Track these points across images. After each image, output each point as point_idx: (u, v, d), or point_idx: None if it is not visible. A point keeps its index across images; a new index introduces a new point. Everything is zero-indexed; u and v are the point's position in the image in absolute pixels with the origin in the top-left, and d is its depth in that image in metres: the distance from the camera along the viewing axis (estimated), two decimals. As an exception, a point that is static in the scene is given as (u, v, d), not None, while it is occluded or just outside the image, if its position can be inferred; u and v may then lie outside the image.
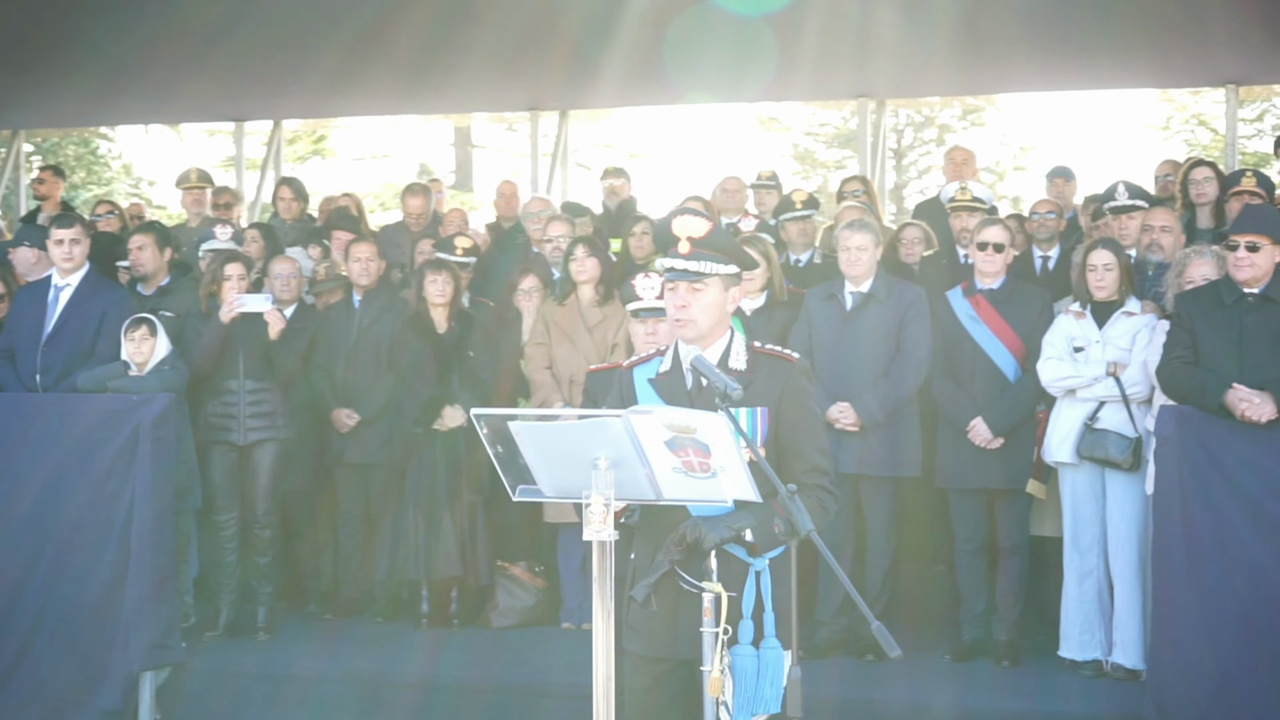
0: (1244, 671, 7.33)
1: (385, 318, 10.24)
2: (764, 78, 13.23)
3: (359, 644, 9.65)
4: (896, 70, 12.78)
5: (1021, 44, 12.13)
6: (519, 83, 13.97)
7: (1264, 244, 7.59)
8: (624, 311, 9.63)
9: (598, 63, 13.15)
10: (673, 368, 5.28)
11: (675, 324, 5.20)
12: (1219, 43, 12.16)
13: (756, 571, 5.04)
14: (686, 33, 12.01)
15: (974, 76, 13.09)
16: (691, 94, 14.32)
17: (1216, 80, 13.62)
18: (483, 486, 9.90)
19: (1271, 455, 7.44)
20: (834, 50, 12.16)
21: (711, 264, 5.11)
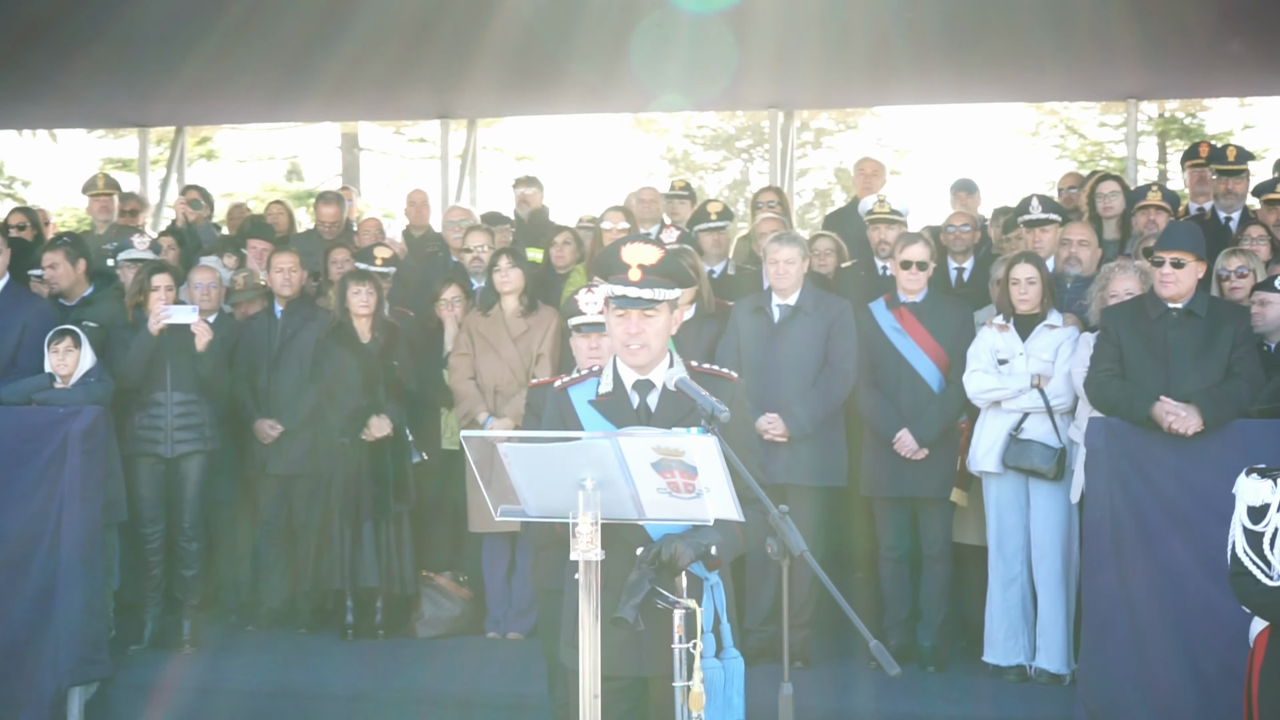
0: (1171, 676, 7.56)
1: (308, 328, 10.21)
2: (681, 88, 13.36)
3: (286, 656, 9.63)
4: (808, 82, 12.93)
5: (932, 58, 12.31)
6: (428, 91, 13.95)
7: (1188, 261, 7.83)
8: (548, 322, 9.79)
9: (506, 72, 13.18)
10: (615, 389, 5.36)
11: (628, 350, 5.28)
12: (1121, 58, 12.43)
13: (711, 586, 5.18)
14: (598, 43, 12.09)
15: (885, 88, 13.28)
16: (613, 103, 14.36)
17: (1118, 95, 13.95)
18: (409, 496, 9.93)
19: (1196, 466, 7.66)
20: (748, 62, 12.27)
21: (662, 290, 5.22)
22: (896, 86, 13.33)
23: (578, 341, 7.28)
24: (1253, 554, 6.18)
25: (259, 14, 11.65)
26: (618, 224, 10.59)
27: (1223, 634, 7.43)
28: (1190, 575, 7.60)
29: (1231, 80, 13.17)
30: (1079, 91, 14.90)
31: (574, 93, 13.47)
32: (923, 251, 9.10)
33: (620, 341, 5.27)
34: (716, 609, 5.15)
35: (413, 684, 9.00)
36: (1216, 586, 7.42)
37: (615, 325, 5.27)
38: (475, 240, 10.78)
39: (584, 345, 7.27)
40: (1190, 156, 11.50)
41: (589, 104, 15.26)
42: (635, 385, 5.32)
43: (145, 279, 9.63)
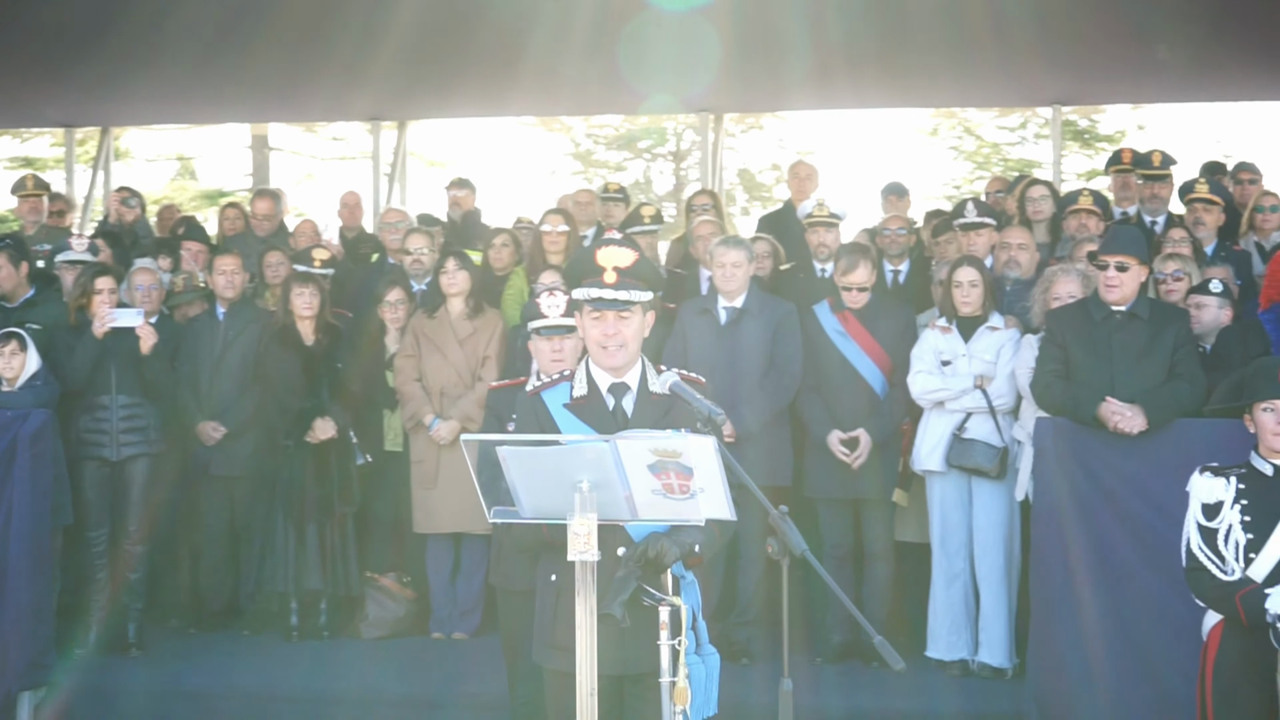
0: (1118, 670, 7.73)
1: (250, 330, 10.21)
2: (610, 92, 13.48)
3: (233, 658, 9.63)
4: (738, 86, 13.06)
5: (862, 62, 12.48)
6: (360, 93, 13.95)
7: (1132, 264, 8.03)
8: (494, 324, 9.85)
9: (438, 74, 13.23)
10: (590, 392, 5.45)
11: (605, 352, 5.37)
12: (1045, 64, 12.66)
13: (688, 583, 5.30)
14: (532, 45, 12.16)
15: (817, 92, 13.43)
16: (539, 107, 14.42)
17: (1043, 100, 14.20)
18: (353, 498, 9.96)
19: (1141, 465, 7.86)
20: (682, 65, 12.39)
21: (637, 293, 5.32)
22: (824, 91, 13.47)
23: (540, 344, 7.35)
24: (1208, 550, 6.39)
25: (185, 13, 11.61)
26: (557, 226, 10.67)
27: (1168, 627, 7.65)
28: (1136, 571, 7.79)
29: (1157, 86, 13.44)
30: (1003, 98, 15.13)
31: (513, 95, 13.53)
32: (867, 276, 9.24)
33: (597, 344, 5.36)
34: (693, 606, 5.25)
35: (365, 684, 9.04)
36: (1161, 581, 7.66)
37: (591, 327, 5.36)
38: (415, 243, 10.82)
39: (546, 348, 7.34)
40: (1114, 162, 11.73)
41: (527, 106, 15.32)
42: (610, 388, 5.41)
43: (88, 282, 9.59)
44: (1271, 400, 6.38)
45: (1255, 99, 14.78)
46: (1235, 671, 6.36)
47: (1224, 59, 12.43)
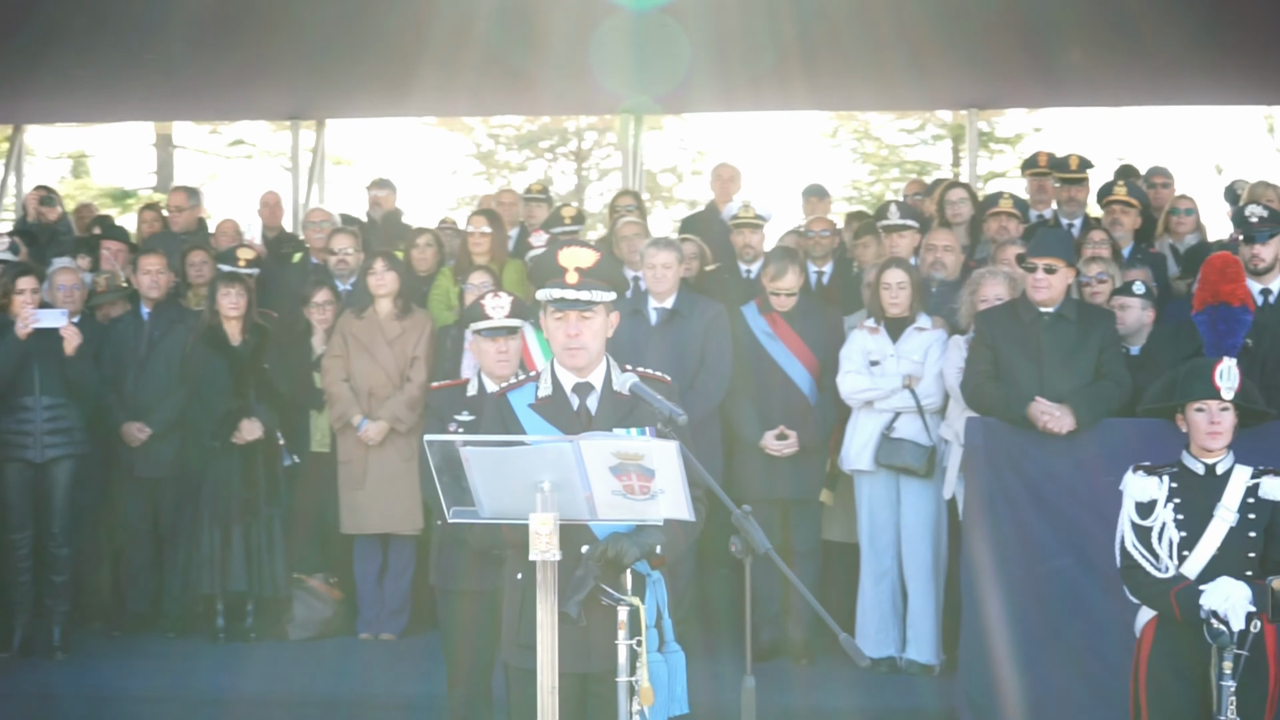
0: (1048, 666, 7.87)
1: (175, 330, 10.14)
2: (529, 92, 13.49)
3: (159, 660, 9.58)
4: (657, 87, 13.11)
5: (777, 65, 12.54)
6: (279, 92, 13.86)
7: (1059, 266, 8.18)
8: (423, 325, 9.85)
9: (354, 73, 13.18)
10: (554, 392, 5.49)
11: (568, 353, 5.41)
12: (961, 68, 12.82)
13: (653, 582, 5.35)
14: (438, 43, 12.14)
15: (732, 94, 13.50)
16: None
17: (960, 104, 14.37)
18: (280, 499, 9.93)
19: (1069, 464, 8.01)
20: (602, 65, 12.42)
21: (599, 293, 5.36)
22: (738, 93, 13.54)
23: (484, 346, 7.36)
24: (1142, 548, 6.50)
25: (99, 11, 11.48)
26: (481, 228, 10.66)
27: (1097, 624, 7.81)
28: (1064, 569, 7.92)
29: (1071, 90, 13.63)
30: (918, 101, 15.28)
31: (426, 95, 13.49)
32: (795, 281, 9.32)
33: (560, 344, 5.40)
34: (659, 604, 5.33)
35: (295, 686, 9.04)
36: (1090, 579, 7.82)
37: (554, 328, 5.40)
38: (340, 243, 10.80)
39: (490, 349, 7.35)
40: (1030, 165, 11.88)
41: (441, 107, 15.29)
42: (575, 388, 5.44)
43: (9, 282, 9.46)
44: (1204, 400, 6.50)
45: (1162, 104, 15.04)
46: (1168, 667, 6.47)
47: (1133, 64, 12.63)
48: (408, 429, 9.87)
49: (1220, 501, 6.43)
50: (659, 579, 5.35)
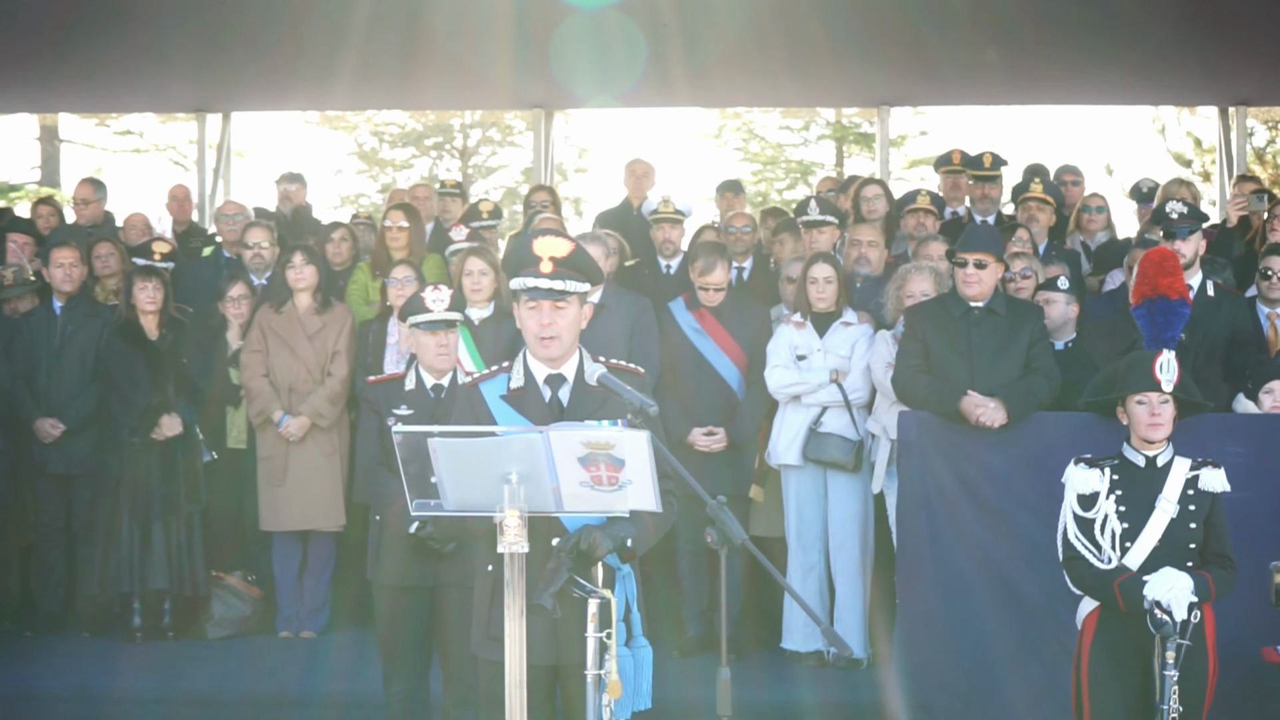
0: (985, 656, 7.91)
1: (89, 324, 9.97)
2: (443, 88, 13.42)
3: (77, 660, 9.43)
4: (575, 82, 13.06)
5: (694, 60, 12.55)
6: (185, 83, 13.66)
7: (989, 261, 8.24)
8: (343, 319, 9.76)
9: (261, 65, 13.03)
10: (526, 383, 5.44)
11: (541, 342, 5.37)
12: (873, 64, 12.91)
13: (623, 576, 5.32)
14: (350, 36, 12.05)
15: (651, 89, 13.47)
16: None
17: (870, 101, 14.46)
18: (199, 496, 9.78)
19: (1001, 458, 8.05)
20: (519, 61, 12.38)
21: (573, 283, 5.32)
22: (658, 88, 13.52)
23: (423, 339, 7.31)
24: (1084, 539, 6.57)
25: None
26: (398, 222, 10.56)
27: (1029, 616, 7.87)
28: (997, 561, 7.97)
29: (985, 88, 13.77)
30: (827, 97, 15.33)
31: (337, 88, 13.35)
32: (723, 275, 9.38)
33: (533, 334, 5.35)
34: (628, 598, 5.30)
35: (224, 685, 8.94)
36: (1022, 571, 7.90)
37: (527, 318, 5.34)
38: (255, 236, 10.66)
39: (431, 343, 7.30)
40: (944, 163, 11.97)
41: (353, 100, 15.15)
42: (547, 380, 5.40)
43: (-85, 276, 9.28)
44: (1145, 393, 6.58)
45: (1075, 103, 15.24)
46: (1110, 657, 6.55)
47: (1047, 64, 12.78)
48: (329, 424, 9.77)
49: (1161, 493, 6.52)
50: (629, 573, 5.33)
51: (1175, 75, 13.48)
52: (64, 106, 17.07)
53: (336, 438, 9.84)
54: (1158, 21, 11.80)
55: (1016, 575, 7.94)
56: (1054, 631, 7.87)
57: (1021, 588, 7.94)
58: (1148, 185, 12.13)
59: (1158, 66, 13.10)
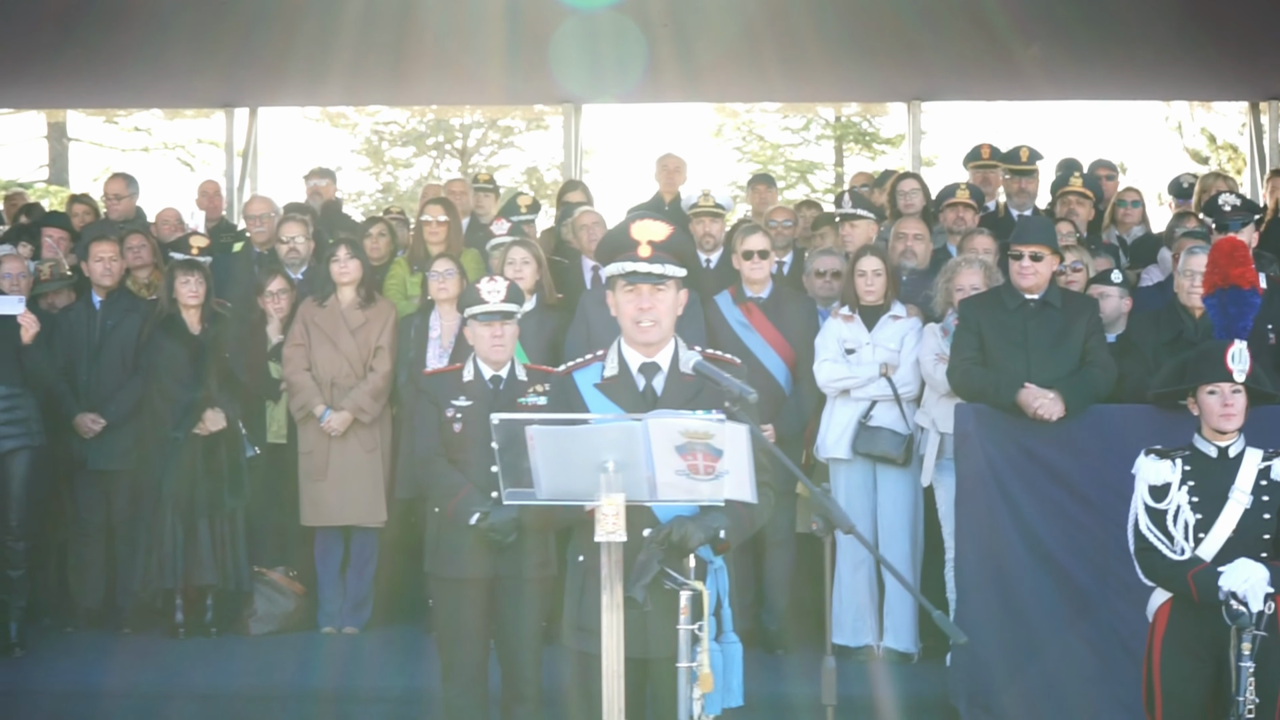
0: (1041, 648, 7.89)
1: (129, 319, 9.91)
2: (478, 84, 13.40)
3: (121, 656, 9.32)
4: (606, 77, 13.03)
5: (727, 55, 12.53)
6: (211, 79, 13.61)
7: (1045, 254, 8.22)
8: (387, 314, 9.71)
9: (288, 59, 12.99)
10: (620, 372, 5.39)
11: (638, 328, 5.31)
12: (908, 59, 12.88)
13: (715, 569, 5.26)
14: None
15: (683, 85, 13.45)
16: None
17: (902, 96, 14.42)
18: (243, 491, 9.72)
19: (1056, 449, 8.03)
20: (554, 57, 12.34)
21: (671, 267, 5.27)
22: (690, 83, 13.49)
23: (478, 330, 7.28)
24: (1156, 530, 6.54)
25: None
26: (438, 216, 10.52)
27: (1084, 606, 7.87)
28: (1052, 553, 7.95)
29: (1018, 84, 13.71)
30: (858, 92, 15.29)
31: (371, 82, 13.32)
32: (763, 241, 9.36)
33: (630, 318, 5.29)
34: (719, 592, 5.21)
35: (273, 680, 8.89)
36: (1078, 563, 7.89)
37: (625, 302, 5.29)
38: (290, 231, 10.60)
39: (486, 334, 7.27)
40: (973, 158, 11.92)
41: (390, 95, 15.11)
42: (641, 368, 5.35)
43: (-39, 270, 9.22)
44: (1217, 383, 6.55)
45: (1105, 98, 15.23)
46: (1183, 648, 6.52)
47: (1081, 59, 12.75)
48: (371, 420, 9.72)
49: (1234, 484, 6.50)
50: (721, 566, 5.25)
51: (1205, 70, 13.46)
52: (86, 102, 16.97)
53: (378, 433, 9.79)
54: (1189, 16, 11.77)
55: (1073, 567, 7.95)
56: (1111, 624, 7.88)
57: (1078, 580, 7.94)
58: (1187, 180, 12.10)
59: (1187, 61, 13.08)
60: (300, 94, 14.98)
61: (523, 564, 7.21)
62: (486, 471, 7.14)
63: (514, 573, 7.19)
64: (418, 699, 8.39)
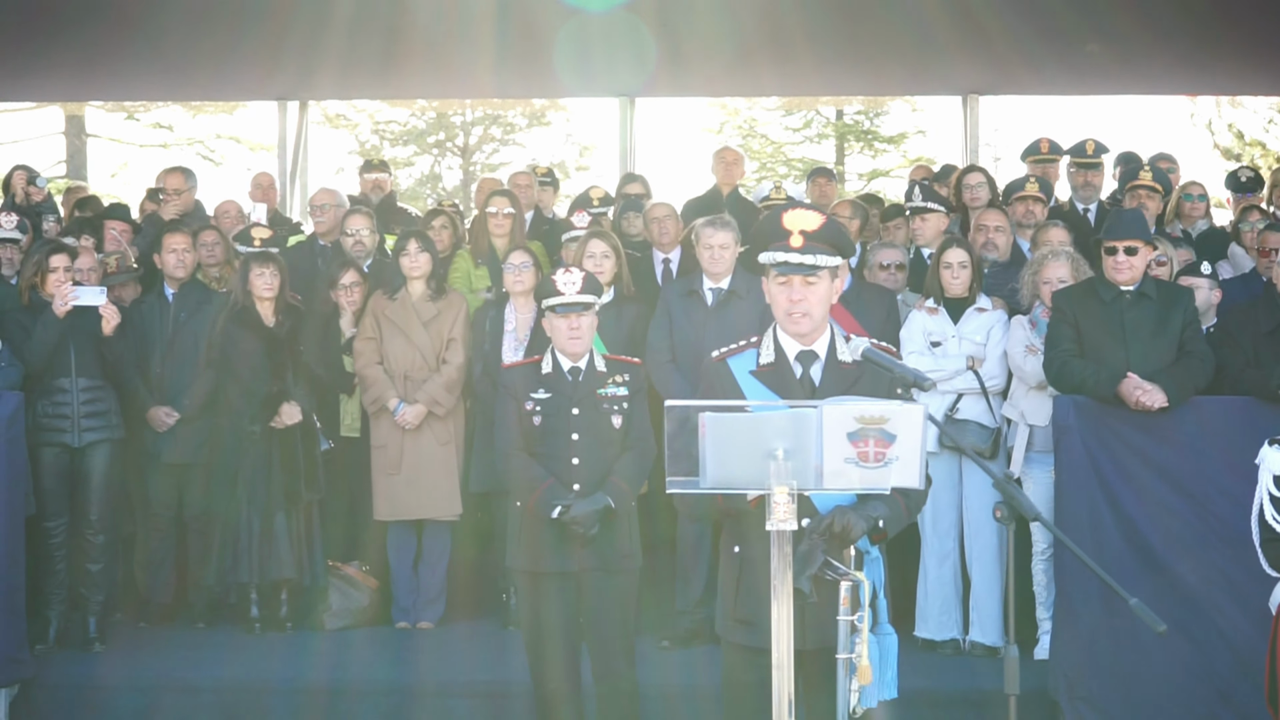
0: (1141, 641, 7.82)
1: (202, 311, 9.84)
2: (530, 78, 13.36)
3: (199, 650, 9.26)
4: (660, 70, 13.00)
5: (788, 46, 12.49)
6: (266, 73, 13.54)
7: (1139, 247, 8.19)
8: (458, 306, 9.65)
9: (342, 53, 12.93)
10: (777, 359, 5.32)
11: (790, 319, 5.25)
12: (960, 53, 12.84)
13: (872, 559, 5.20)
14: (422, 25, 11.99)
15: (732, 78, 13.43)
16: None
17: (958, 89, 14.37)
18: (319, 485, 9.65)
19: (1156, 441, 8.00)
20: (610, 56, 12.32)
21: (824, 257, 5.20)
22: (737, 77, 13.47)
23: (555, 322, 7.25)
24: (1283, 520, 6.48)
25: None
26: (503, 209, 10.48)
27: (1184, 598, 7.83)
28: (1151, 547, 7.91)
29: (1083, 79, 13.69)
30: (919, 85, 15.24)
31: (420, 77, 13.26)
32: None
33: (782, 310, 5.23)
34: (874, 583, 5.15)
35: (359, 674, 8.83)
36: (1178, 555, 7.86)
37: (777, 293, 5.23)
38: (355, 224, 10.53)
39: (563, 326, 7.24)
40: (1032, 152, 11.87)
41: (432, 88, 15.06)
42: (798, 356, 5.28)
43: (43, 259, 9.12)
44: (1349, 374, 6.52)
45: (1168, 92, 15.20)
46: (1310, 640, 6.46)
47: (1138, 53, 12.73)
48: (445, 412, 9.66)
49: (1360, 472, 6.44)
50: (878, 556, 5.20)
51: (1250, 63, 13.43)
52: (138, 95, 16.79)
53: (452, 425, 9.73)
54: (1237, 9, 11.75)
55: (1173, 560, 7.90)
56: (1210, 616, 7.85)
57: (1178, 572, 7.89)
58: (1245, 175, 12.05)
59: (1234, 55, 13.05)
60: (353, 87, 14.91)
61: (607, 556, 7.18)
62: (567, 464, 7.14)
63: (598, 565, 7.17)
64: (498, 693, 8.37)
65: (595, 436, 7.17)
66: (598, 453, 7.17)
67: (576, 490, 7.13)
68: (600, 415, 7.18)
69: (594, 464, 7.15)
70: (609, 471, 7.17)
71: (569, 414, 7.19)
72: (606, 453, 7.19)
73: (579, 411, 7.16)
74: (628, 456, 7.24)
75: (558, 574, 7.18)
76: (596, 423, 7.17)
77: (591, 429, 7.17)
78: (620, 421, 7.22)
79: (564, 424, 7.20)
